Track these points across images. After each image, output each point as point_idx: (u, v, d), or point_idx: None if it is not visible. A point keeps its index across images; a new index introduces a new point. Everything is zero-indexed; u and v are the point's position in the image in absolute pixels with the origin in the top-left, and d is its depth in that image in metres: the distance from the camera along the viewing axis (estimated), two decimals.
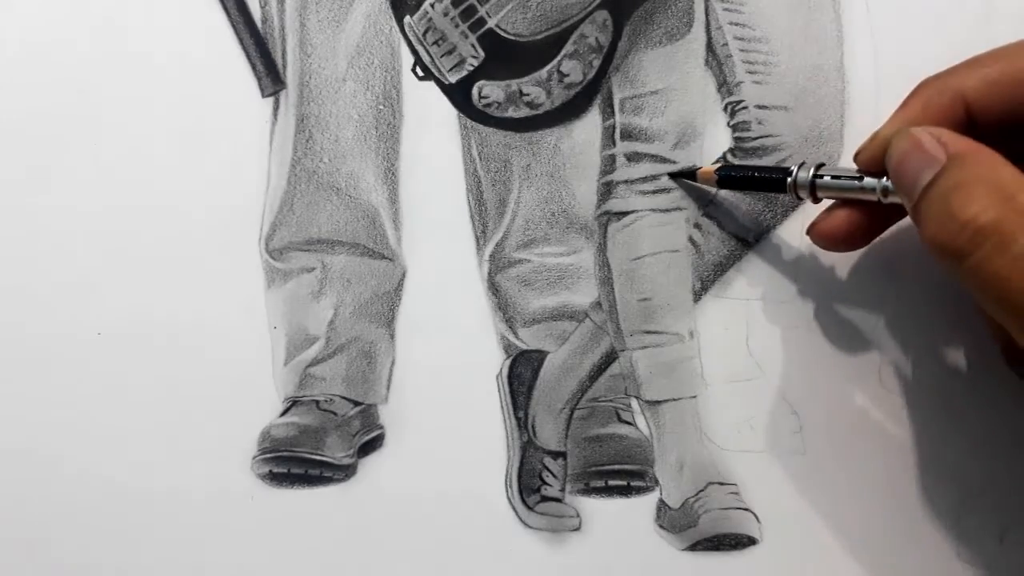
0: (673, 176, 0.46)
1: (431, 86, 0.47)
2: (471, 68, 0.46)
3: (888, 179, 0.38)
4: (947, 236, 0.33)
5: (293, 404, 0.47)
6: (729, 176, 0.44)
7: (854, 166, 0.40)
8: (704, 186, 0.45)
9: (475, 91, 0.46)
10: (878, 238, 0.42)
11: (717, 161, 0.46)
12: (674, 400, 0.46)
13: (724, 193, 0.46)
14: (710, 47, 0.46)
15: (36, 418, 0.47)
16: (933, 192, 0.34)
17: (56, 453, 0.46)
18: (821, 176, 0.40)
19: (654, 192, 0.46)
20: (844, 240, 0.41)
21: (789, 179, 0.41)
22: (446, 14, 0.46)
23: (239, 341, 0.47)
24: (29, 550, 0.46)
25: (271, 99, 0.47)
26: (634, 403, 0.46)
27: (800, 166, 0.41)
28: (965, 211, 0.32)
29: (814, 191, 0.41)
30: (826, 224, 0.41)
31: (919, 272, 0.44)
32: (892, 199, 0.38)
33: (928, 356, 0.45)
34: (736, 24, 0.46)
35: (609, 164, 0.46)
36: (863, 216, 0.40)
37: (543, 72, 0.46)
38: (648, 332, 0.46)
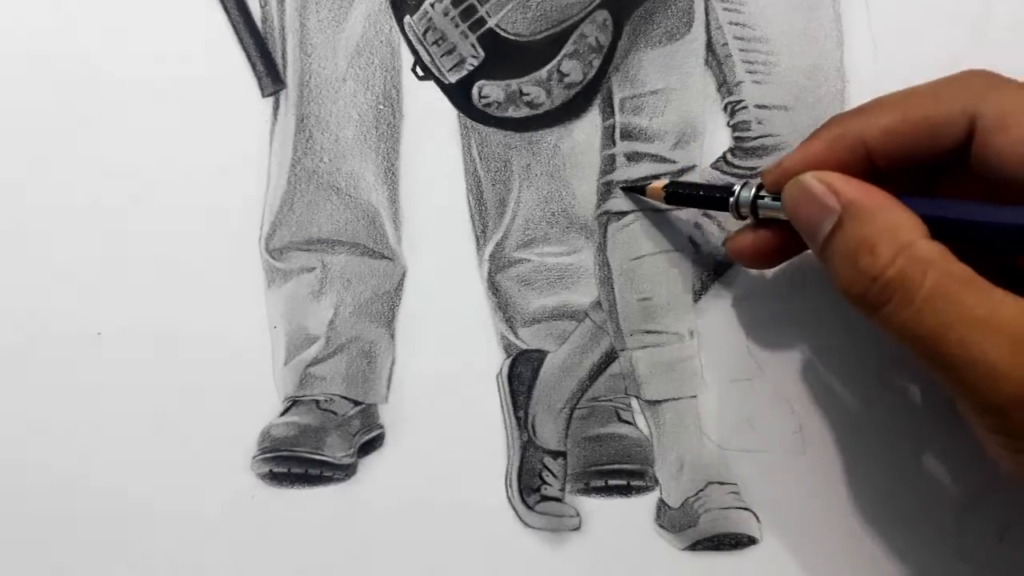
0: (625, 190, 0.46)
1: (431, 86, 0.47)
2: (471, 68, 0.46)
3: None
4: (857, 291, 0.34)
5: (293, 404, 0.47)
6: (676, 193, 0.44)
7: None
8: (652, 201, 0.45)
9: (475, 91, 0.46)
10: None
11: (717, 161, 0.46)
12: (674, 400, 0.46)
13: None
14: (710, 47, 0.46)
15: (36, 418, 0.47)
16: (837, 245, 0.35)
17: (56, 453, 0.46)
18: (762, 197, 0.40)
19: None
20: (758, 257, 0.42)
21: (731, 199, 0.41)
22: (446, 14, 0.46)
23: (239, 341, 0.47)
24: (29, 550, 0.46)
25: (271, 99, 0.47)
26: (634, 403, 0.47)
27: (743, 185, 0.41)
28: (873, 267, 0.34)
29: (756, 211, 0.41)
30: (738, 241, 0.42)
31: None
32: None
33: None
34: (736, 24, 0.46)
35: (609, 164, 0.46)
36: (777, 237, 0.41)
37: (543, 72, 0.46)
38: (648, 332, 0.46)
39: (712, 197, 0.42)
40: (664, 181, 0.45)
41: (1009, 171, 0.35)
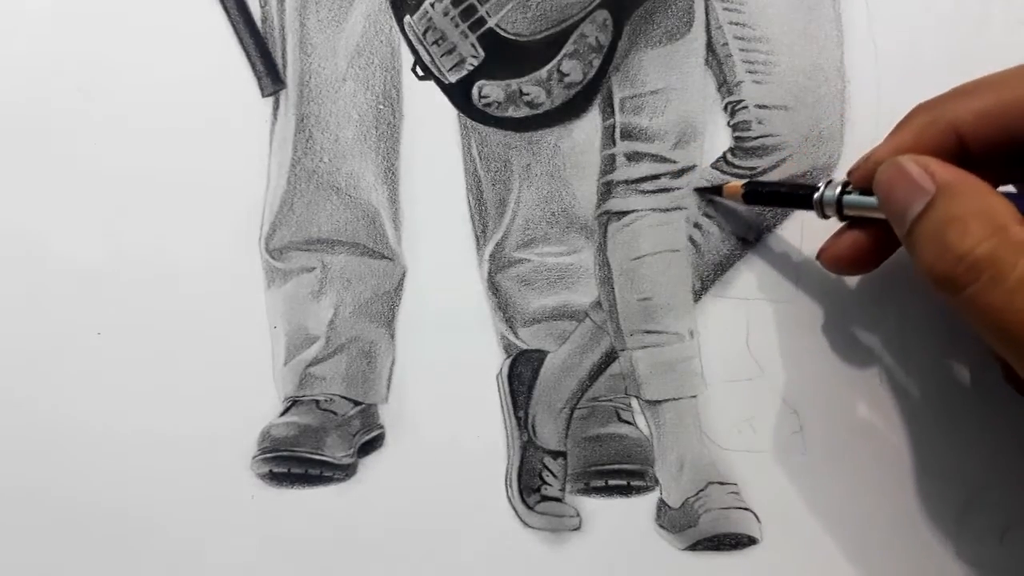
0: (700, 191, 0.46)
1: (431, 86, 0.47)
2: (471, 68, 0.46)
3: None
4: (943, 268, 0.33)
5: (293, 404, 0.47)
6: (756, 191, 0.43)
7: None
8: (731, 202, 0.45)
9: (475, 91, 0.46)
10: None
11: (717, 161, 0.46)
12: (674, 400, 0.46)
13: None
14: (710, 47, 0.46)
15: (36, 418, 0.47)
16: (926, 223, 0.34)
17: (56, 453, 0.46)
18: (849, 193, 0.40)
19: (654, 192, 0.46)
20: (854, 263, 0.41)
21: (816, 195, 0.40)
22: (446, 14, 0.46)
23: (239, 341, 0.47)
24: (29, 550, 0.46)
25: (271, 99, 0.47)
26: (634, 403, 0.47)
27: (828, 184, 0.40)
28: (961, 244, 0.33)
29: (840, 209, 0.40)
30: (835, 248, 0.41)
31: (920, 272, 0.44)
32: None
33: (928, 356, 0.45)
34: (736, 24, 0.46)
35: (609, 164, 0.46)
36: (872, 238, 0.40)
37: (543, 72, 0.46)
38: (648, 332, 0.46)
39: (795, 195, 0.42)
40: (741, 181, 0.44)
41: None
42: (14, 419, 0.47)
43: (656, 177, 0.46)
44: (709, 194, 0.45)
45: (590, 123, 0.47)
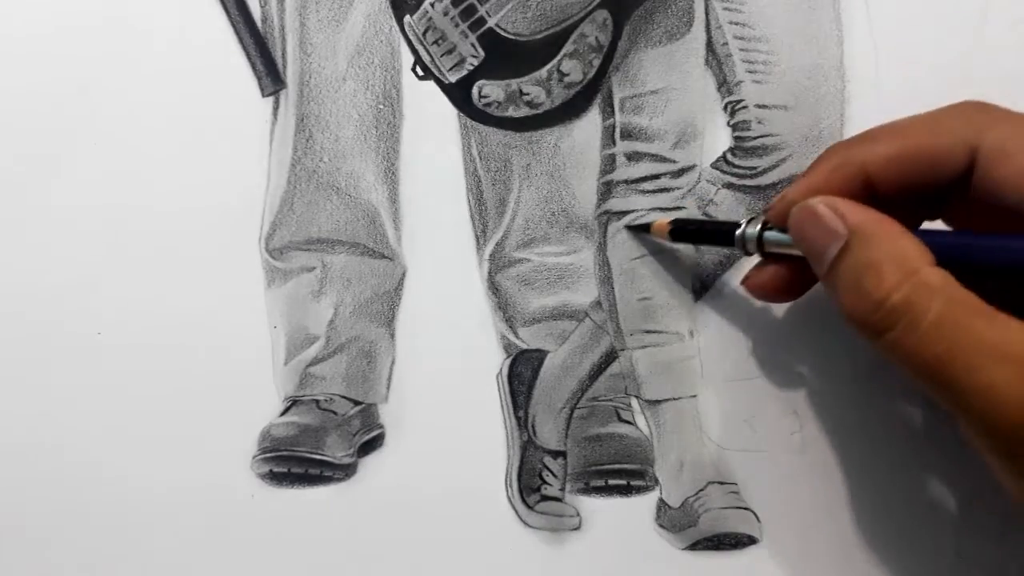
0: (630, 229, 0.46)
1: (431, 86, 0.47)
2: (471, 67, 0.46)
3: None
4: (862, 314, 0.34)
5: (293, 403, 0.47)
6: (681, 229, 0.44)
7: None
8: (658, 239, 0.45)
9: (475, 90, 0.46)
10: None
11: (717, 160, 0.46)
12: (674, 399, 0.46)
13: (724, 193, 0.46)
14: (710, 46, 0.46)
15: (36, 418, 0.47)
16: (843, 269, 0.35)
17: (56, 453, 0.46)
18: (770, 229, 0.40)
19: (654, 191, 0.46)
20: (778, 293, 0.42)
21: (737, 232, 0.41)
22: (446, 13, 0.46)
23: (239, 341, 0.47)
24: (29, 550, 0.46)
25: (271, 99, 0.47)
26: (634, 402, 0.47)
27: (749, 221, 0.41)
28: (877, 291, 0.34)
29: (761, 246, 0.40)
30: (758, 278, 0.42)
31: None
32: None
33: None
34: (736, 23, 0.46)
35: (609, 163, 0.47)
36: (792, 271, 0.41)
37: (543, 71, 0.46)
38: (648, 331, 0.46)
39: (718, 232, 0.42)
40: (669, 218, 0.45)
41: (1011, 200, 0.35)
42: (14, 419, 0.47)
43: (656, 177, 0.46)
44: (638, 232, 0.46)
45: (590, 123, 0.47)
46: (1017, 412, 0.31)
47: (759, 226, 0.40)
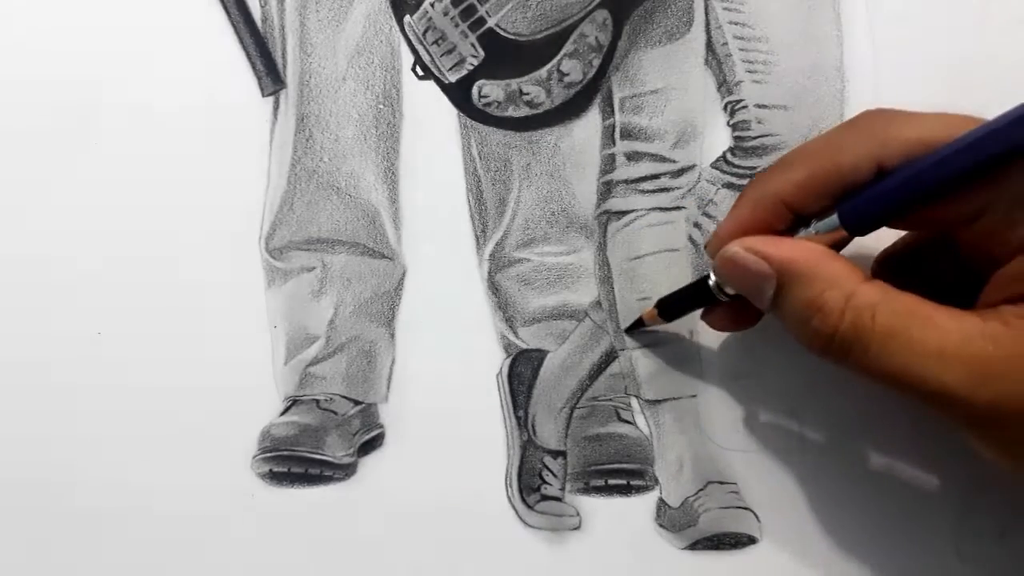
0: (627, 331, 0.46)
1: (431, 85, 0.47)
2: (471, 67, 0.46)
3: None
4: (819, 349, 0.36)
5: (293, 403, 0.47)
6: (666, 305, 0.44)
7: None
8: (655, 327, 0.45)
9: (475, 90, 0.46)
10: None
11: (717, 160, 0.46)
12: (674, 399, 0.46)
13: (724, 192, 0.46)
14: (710, 46, 0.46)
15: (36, 417, 0.47)
16: (786, 309, 0.36)
17: (55, 452, 0.46)
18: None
19: (654, 191, 0.46)
20: (732, 325, 0.43)
21: (711, 283, 0.40)
22: (446, 13, 0.46)
23: (239, 341, 0.47)
24: (29, 549, 0.46)
25: (271, 99, 0.47)
26: (634, 402, 0.47)
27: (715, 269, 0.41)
28: (825, 327, 0.35)
29: (723, 290, 0.40)
30: (716, 320, 0.43)
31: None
32: None
33: None
34: (736, 23, 0.46)
35: (609, 163, 0.47)
36: (744, 305, 0.41)
37: (543, 71, 0.46)
38: (648, 331, 0.46)
39: (698, 291, 0.42)
40: (652, 302, 0.45)
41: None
42: (14, 419, 0.47)
43: (656, 177, 0.46)
44: (635, 328, 0.46)
45: (590, 123, 0.47)
46: (973, 409, 0.33)
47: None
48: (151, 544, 0.46)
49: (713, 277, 0.41)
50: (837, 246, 0.38)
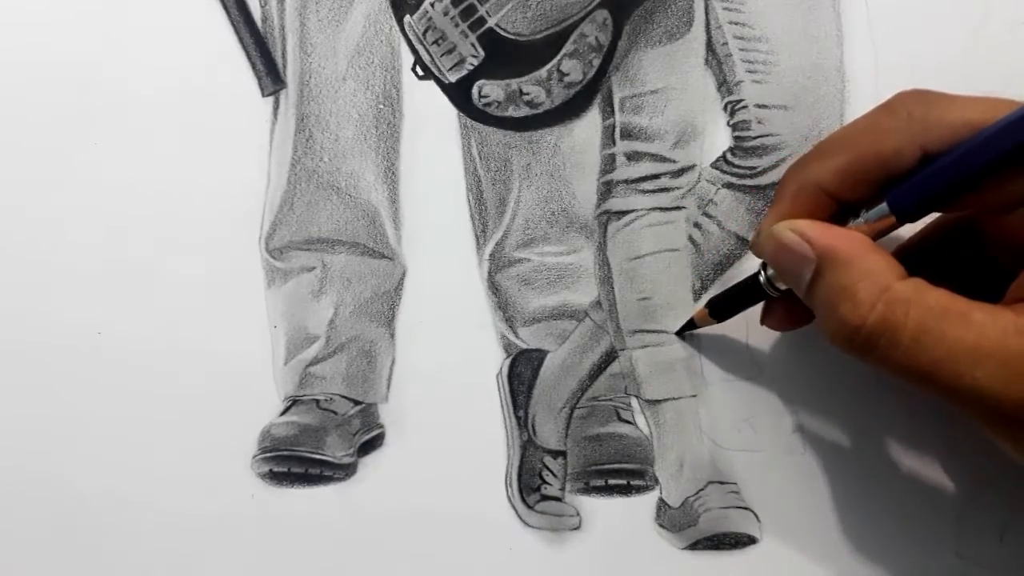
0: (679, 334, 0.46)
1: (431, 85, 0.47)
2: (471, 67, 0.46)
3: None
4: (844, 339, 0.35)
5: (293, 403, 0.47)
6: (717, 304, 0.44)
7: None
8: (707, 329, 0.45)
9: (475, 90, 0.46)
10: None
11: (717, 160, 0.46)
12: (674, 399, 0.46)
13: (724, 192, 0.46)
14: (710, 46, 0.46)
15: (36, 417, 0.47)
16: (818, 296, 0.36)
17: (56, 452, 0.46)
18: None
19: (654, 191, 0.46)
20: (788, 323, 0.43)
21: (762, 279, 0.40)
22: (446, 13, 0.46)
23: (239, 340, 0.47)
24: (29, 549, 0.46)
25: (271, 99, 0.47)
26: (634, 402, 0.47)
27: (764, 265, 0.40)
28: (854, 316, 0.34)
29: (773, 284, 0.40)
30: (773, 318, 0.43)
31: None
32: None
33: None
34: (736, 23, 0.46)
35: (609, 163, 0.47)
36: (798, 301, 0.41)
37: (543, 71, 0.46)
38: (648, 331, 0.46)
39: (749, 288, 0.42)
40: (703, 302, 0.45)
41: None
42: (15, 419, 0.47)
43: (656, 176, 0.46)
44: (686, 330, 0.46)
45: (590, 123, 0.47)
46: (1007, 406, 0.32)
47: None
48: (151, 544, 0.46)
49: (763, 274, 0.40)
50: (879, 234, 0.37)
